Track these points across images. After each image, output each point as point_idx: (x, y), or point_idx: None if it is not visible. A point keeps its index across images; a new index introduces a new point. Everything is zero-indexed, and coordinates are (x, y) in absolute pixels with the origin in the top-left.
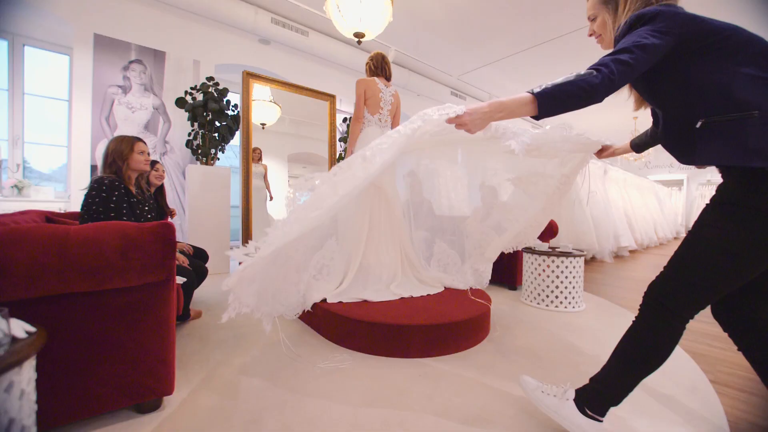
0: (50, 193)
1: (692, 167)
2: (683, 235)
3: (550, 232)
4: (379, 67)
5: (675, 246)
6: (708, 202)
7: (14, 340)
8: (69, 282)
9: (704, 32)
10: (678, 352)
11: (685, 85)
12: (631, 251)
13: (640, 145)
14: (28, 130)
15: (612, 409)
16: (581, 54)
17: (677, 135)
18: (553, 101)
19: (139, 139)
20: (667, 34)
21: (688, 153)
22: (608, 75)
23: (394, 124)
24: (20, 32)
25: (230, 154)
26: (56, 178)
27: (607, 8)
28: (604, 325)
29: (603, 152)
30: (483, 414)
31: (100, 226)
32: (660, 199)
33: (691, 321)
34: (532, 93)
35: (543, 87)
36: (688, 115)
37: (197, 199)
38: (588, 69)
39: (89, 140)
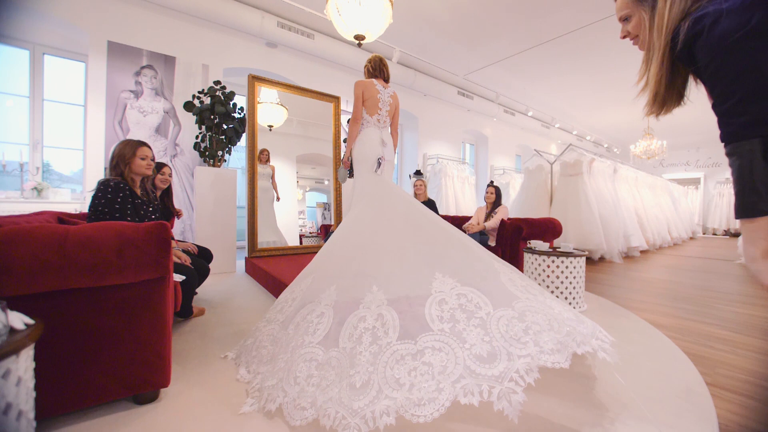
0: (67, 194)
1: (709, 165)
2: (700, 235)
3: (553, 231)
4: (377, 68)
5: (690, 246)
6: None
7: (13, 331)
8: (68, 278)
9: None
10: (676, 353)
11: None
12: (642, 251)
13: None
14: (48, 134)
15: (602, 409)
16: (585, 52)
17: None
18: None
19: (144, 144)
20: (760, 24)
21: None
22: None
23: (393, 124)
24: (40, 41)
25: (241, 155)
26: (77, 180)
27: (642, 6)
28: (602, 325)
29: None
30: (469, 410)
31: (99, 226)
32: (674, 198)
33: (693, 322)
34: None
35: (759, 194)
36: None
37: (205, 199)
38: (739, 140)
39: (103, 143)
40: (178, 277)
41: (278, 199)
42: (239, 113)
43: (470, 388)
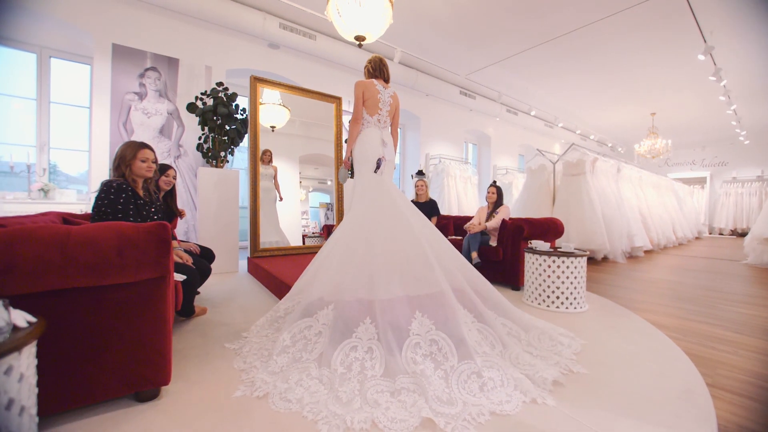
0: (73, 195)
1: (715, 165)
2: (706, 235)
3: (555, 231)
4: (377, 69)
5: (695, 246)
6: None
7: (15, 328)
8: (70, 277)
9: None
10: (677, 354)
11: None
12: (646, 252)
13: None
14: (54, 136)
15: (599, 407)
16: (586, 51)
17: None
18: None
19: (146, 146)
20: None
21: None
22: None
23: (394, 124)
24: (47, 45)
25: (244, 156)
26: (83, 180)
27: None
28: (603, 326)
29: None
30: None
31: (100, 226)
32: (680, 198)
33: (695, 323)
34: None
35: None
36: None
37: (208, 200)
38: None
39: (108, 145)
40: (179, 277)
41: (281, 199)
42: (241, 114)
43: (432, 416)
